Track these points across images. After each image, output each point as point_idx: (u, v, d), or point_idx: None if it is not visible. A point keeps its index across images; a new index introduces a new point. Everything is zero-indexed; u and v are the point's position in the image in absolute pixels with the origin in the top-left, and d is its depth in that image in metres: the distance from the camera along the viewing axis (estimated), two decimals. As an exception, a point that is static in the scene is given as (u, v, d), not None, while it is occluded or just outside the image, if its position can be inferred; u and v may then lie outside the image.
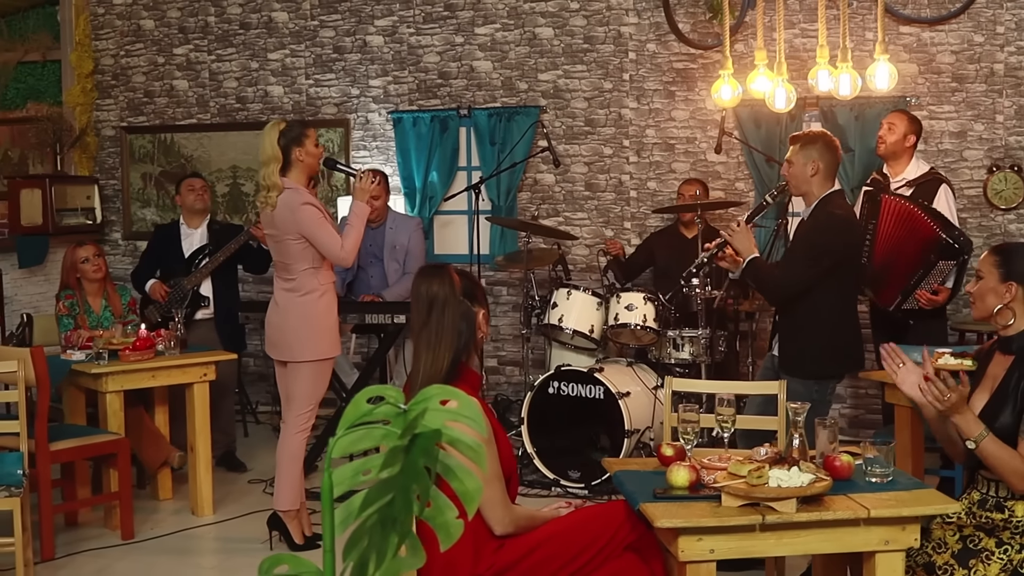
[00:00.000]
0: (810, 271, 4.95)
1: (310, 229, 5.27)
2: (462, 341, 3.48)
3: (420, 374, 3.48)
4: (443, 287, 3.50)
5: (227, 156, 8.91)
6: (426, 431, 1.95)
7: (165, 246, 7.15)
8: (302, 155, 5.35)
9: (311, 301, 5.37)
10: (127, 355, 5.79)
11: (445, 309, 3.48)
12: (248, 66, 8.93)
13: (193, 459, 6.09)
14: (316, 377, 5.44)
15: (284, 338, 5.42)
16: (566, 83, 8.34)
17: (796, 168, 5.08)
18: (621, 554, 3.45)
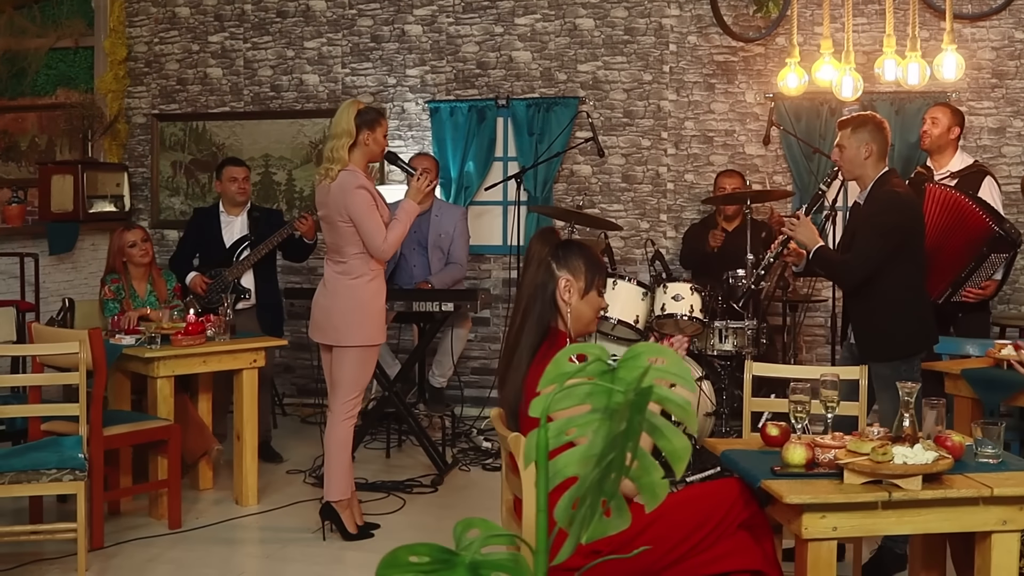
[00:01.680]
0: (882, 251, 4.93)
1: (358, 214, 5.19)
2: (540, 303, 3.43)
3: (513, 334, 3.47)
4: (538, 247, 3.47)
5: (259, 145, 8.85)
6: (645, 388, 1.90)
7: (205, 232, 7.07)
8: (370, 140, 5.29)
9: (361, 285, 5.30)
10: (179, 339, 5.73)
11: (528, 268, 3.46)
12: (284, 54, 8.88)
13: (239, 448, 6.02)
14: (362, 363, 5.37)
15: (331, 321, 5.35)
16: (605, 74, 8.30)
17: (849, 152, 5.07)
18: (734, 532, 3.41)
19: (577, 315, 3.51)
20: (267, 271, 7.09)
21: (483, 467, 6.87)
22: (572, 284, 3.47)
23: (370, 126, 5.29)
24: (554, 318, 3.47)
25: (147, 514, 5.85)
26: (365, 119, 5.29)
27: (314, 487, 6.38)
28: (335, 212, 5.27)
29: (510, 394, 3.42)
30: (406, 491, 6.32)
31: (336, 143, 5.26)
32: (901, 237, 4.98)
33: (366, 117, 5.30)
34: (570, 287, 3.47)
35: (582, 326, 3.56)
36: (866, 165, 5.06)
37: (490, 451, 7.14)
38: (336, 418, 5.40)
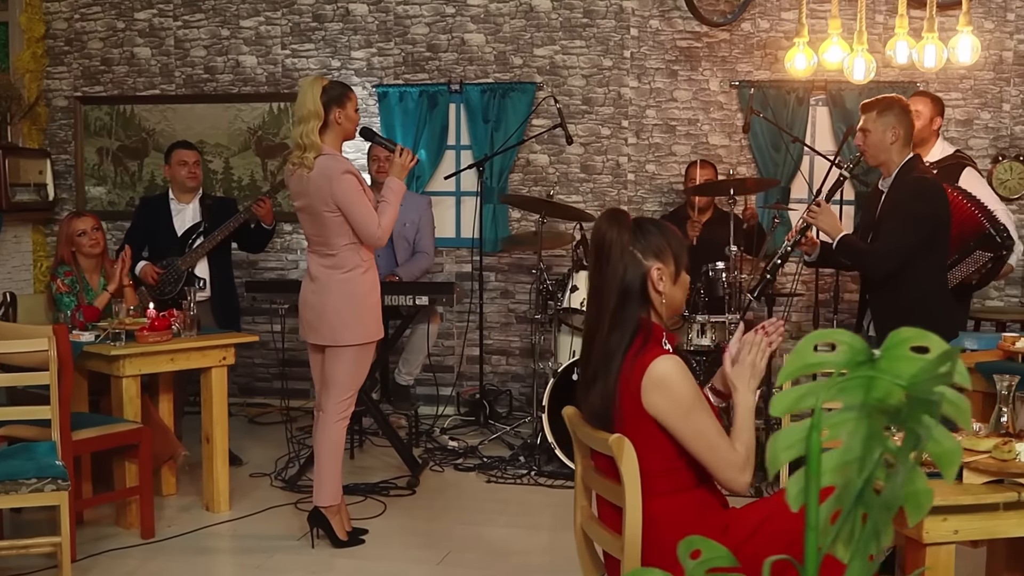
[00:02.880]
0: (914, 239, 4.80)
1: (347, 201, 4.78)
2: (628, 299, 3.10)
3: (594, 329, 3.13)
4: (614, 233, 3.12)
5: (193, 130, 8.31)
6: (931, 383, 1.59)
7: (154, 222, 6.57)
8: (341, 118, 4.87)
9: (354, 279, 4.91)
10: (145, 336, 5.26)
11: (610, 259, 3.10)
12: (218, 34, 8.37)
13: (209, 451, 5.58)
14: (358, 361, 4.99)
15: (325, 320, 4.94)
16: (563, 59, 7.99)
17: (875, 136, 4.92)
18: (834, 537, 3.12)
19: (670, 302, 3.18)
20: (222, 261, 6.63)
21: (455, 467, 6.52)
22: (664, 271, 3.13)
23: (339, 102, 4.87)
24: (645, 310, 3.13)
25: (113, 523, 5.37)
26: (332, 96, 4.86)
27: (283, 490, 6.00)
28: (319, 202, 4.83)
29: (598, 396, 3.08)
30: (383, 494, 5.95)
31: (305, 128, 4.82)
32: (932, 227, 4.88)
33: (333, 93, 4.87)
34: (662, 275, 3.12)
35: (673, 311, 3.23)
36: (891, 150, 4.93)
37: (457, 450, 6.79)
38: (329, 419, 5.00)
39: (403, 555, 5.00)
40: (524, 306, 8.16)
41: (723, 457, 2.99)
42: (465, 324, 7.86)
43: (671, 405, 2.96)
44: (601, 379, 3.06)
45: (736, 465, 3.01)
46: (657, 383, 2.96)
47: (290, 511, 5.64)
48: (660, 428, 3.00)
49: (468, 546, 5.15)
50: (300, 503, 5.72)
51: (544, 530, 5.39)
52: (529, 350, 8.16)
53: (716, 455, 2.99)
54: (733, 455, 3.00)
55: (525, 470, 6.38)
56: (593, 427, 3.12)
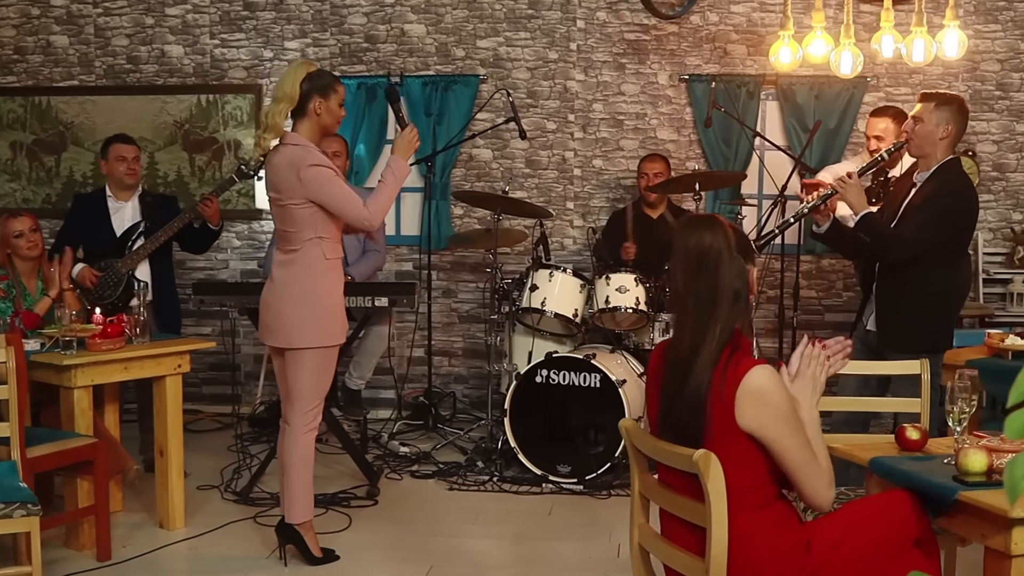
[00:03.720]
0: (942, 232, 4.70)
1: (321, 192, 4.45)
2: (739, 303, 2.90)
3: (686, 342, 2.90)
4: (717, 239, 2.91)
5: (115, 124, 7.85)
6: None
7: (90, 221, 6.14)
8: (321, 109, 4.52)
9: (313, 278, 4.55)
10: (97, 344, 4.87)
11: (719, 266, 2.89)
12: (142, 22, 7.93)
13: (163, 464, 5.22)
14: (320, 368, 4.63)
15: (282, 321, 4.58)
16: (507, 51, 7.75)
17: (927, 127, 4.79)
18: (909, 550, 2.95)
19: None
20: (163, 263, 6.23)
21: (412, 474, 6.23)
22: (753, 271, 2.97)
23: (323, 92, 4.52)
24: (743, 319, 2.93)
25: (62, 544, 4.96)
26: (316, 84, 4.52)
27: (237, 503, 5.65)
28: (286, 193, 4.50)
29: (685, 410, 2.86)
30: (344, 505, 5.65)
31: (273, 108, 4.52)
32: (960, 224, 4.83)
33: (317, 82, 4.52)
34: (758, 276, 2.96)
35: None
36: (939, 145, 4.81)
37: (410, 456, 6.51)
38: (295, 432, 4.67)
39: (383, 571, 4.72)
40: (467, 305, 7.90)
41: (814, 472, 2.81)
42: (413, 324, 7.54)
43: (768, 418, 2.77)
44: (690, 392, 2.84)
45: (825, 481, 2.83)
46: (753, 395, 2.77)
47: (250, 526, 5.30)
48: (752, 442, 2.79)
49: (448, 560, 4.88)
50: (259, 517, 5.40)
51: (522, 540, 5.15)
52: (473, 351, 7.91)
53: (807, 470, 2.81)
54: (822, 470, 2.83)
55: (486, 476, 6.12)
56: (670, 441, 2.90)
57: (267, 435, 6.88)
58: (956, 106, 4.74)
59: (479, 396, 7.83)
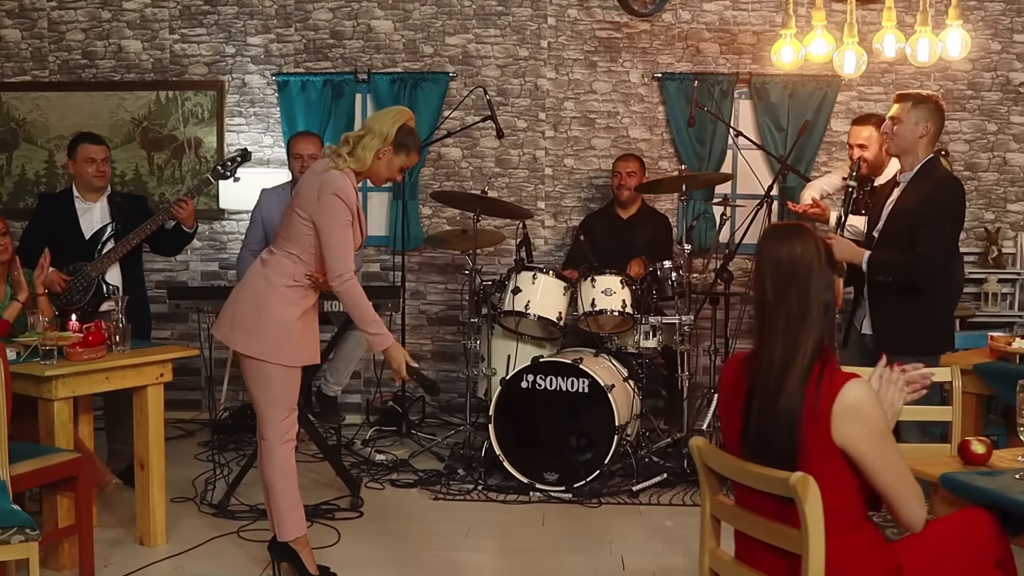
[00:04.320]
0: (953, 238, 4.72)
1: (324, 223, 4.25)
2: (828, 316, 2.79)
3: (776, 357, 2.79)
4: (808, 250, 2.80)
5: (70, 121, 7.61)
6: None
7: (57, 223, 5.88)
8: (385, 156, 4.34)
9: (272, 288, 4.34)
10: (77, 353, 4.63)
11: (810, 277, 2.78)
12: (98, 16, 7.65)
13: (144, 478, 4.99)
14: (275, 381, 4.38)
15: (229, 316, 4.41)
16: (477, 48, 7.60)
17: (906, 127, 4.76)
18: (991, 572, 2.86)
19: None
20: (134, 266, 5.99)
21: (392, 483, 6.07)
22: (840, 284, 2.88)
23: (402, 147, 4.36)
24: (831, 334, 2.83)
25: (42, 565, 4.71)
26: (402, 139, 4.34)
27: (216, 517, 5.43)
28: (300, 202, 4.33)
29: (777, 430, 2.75)
30: (328, 517, 5.47)
31: (368, 140, 4.31)
32: (959, 225, 4.81)
33: (404, 139, 4.35)
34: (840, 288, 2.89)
35: None
36: (918, 144, 4.77)
37: (387, 464, 6.34)
38: (271, 445, 4.44)
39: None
40: (436, 307, 7.74)
41: (909, 490, 2.71)
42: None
43: (865, 434, 2.67)
44: (782, 409, 2.73)
45: (919, 499, 2.73)
46: (850, 410, 2.66)
47: (234, 541, 5.09)
48: (844, 460, 2.68)
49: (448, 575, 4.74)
50: (242, 531, 5.20)
51: (521, 553, 5.01)
52: (443, 354, 7.77)
53: (903, 488, 2.71)
54: (915, 489, 2.72)
55: (470, 484, 5.98)
56: (757, 462, 2.78)
57: (234, 442, 6.71)
58: (933, 104, 4.72)
59: (448, 400, 7.69)
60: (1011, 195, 7.54)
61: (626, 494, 5.84)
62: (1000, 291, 7.37)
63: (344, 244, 4.26)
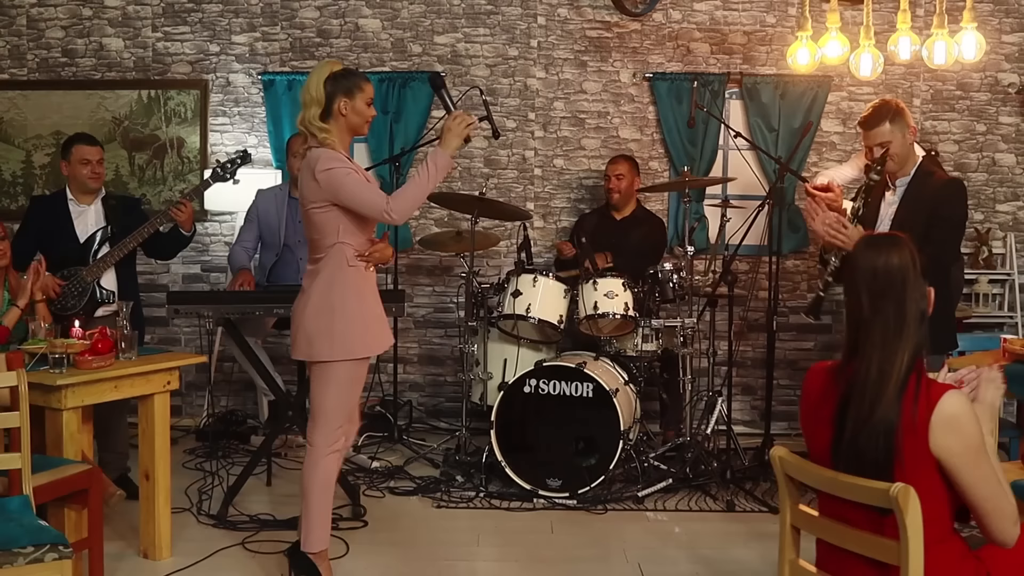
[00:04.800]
0: (959, 240, 4.81)
1: (338, 192, 4.22)
2: (923, 326, 2.75)
3: (872, 368, 2.76)
4: (904, 260, 2.79)
5: (49, 120, 7.44)
6: None
7: (51, 226, 5.73)
8: (347, 110, 4.27)
9: (336, 286, 4.31)
10: (87, 360, 4.49)
11: (906, 288, 2.75)
12: (79, 13, 7.48)
13: (149, 489, 4.87)
14: (346, 382, 4.37)
15: (303, 333, 4.33)
16: (466, 48, 7.51)
17: (896, 146, 4.80)
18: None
19: None
20: (128, 270, 5.85)
21: (390, 491, 5.97)
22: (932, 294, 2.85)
23: (347, 92, 4.27)
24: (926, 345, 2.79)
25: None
26: (341, 84, 4.27)
27: (217, 528, 5.30)
28: (308, 197, 4.29)
29: (875, 441, 2.70)
30: (332, 527, 5.34)
31: (306, 114, 4.27)
32: (964, 227, 4.91)
33: (342, 82, 4.27)
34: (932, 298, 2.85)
35: None
36: (911, 150, 4.85)
37: (380, 471, 6.24)
38: (318, 452, 4.40)
39: (404, 601, 4.49)
40: (424, 310, 7.65)
41: (1002, 506, 2.67)
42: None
43: (962, 447, 2.62)
44: (879, 420, 2.68)
45: (1012, 516, 2.69)
46: (948, 422, 2.62)
47: (241, 553, 4.97)
48: (938, 472, 2.64)
49: (467, 586, 4.67)
50: (247, 543, 5.09)
51: (537, 562, 4.94)
52: (430, 358, 7.68)
53: (997, 502, 2.67)
54: (1010, 503, 2.68)
55: (471, 492, 5.89)
56: (850, 473, 2.73)
57: (221, 449, 6.57)
58: (900, 109, 4.79)
59: (435, 404, 7.61)
60: (1000, 195, 7.57)
61: (631, 500, 5.79)
62: (991, 292, 7.39)
63: (364, 189, 4.24)
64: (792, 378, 7.47)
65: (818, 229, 4.69)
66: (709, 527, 5.49)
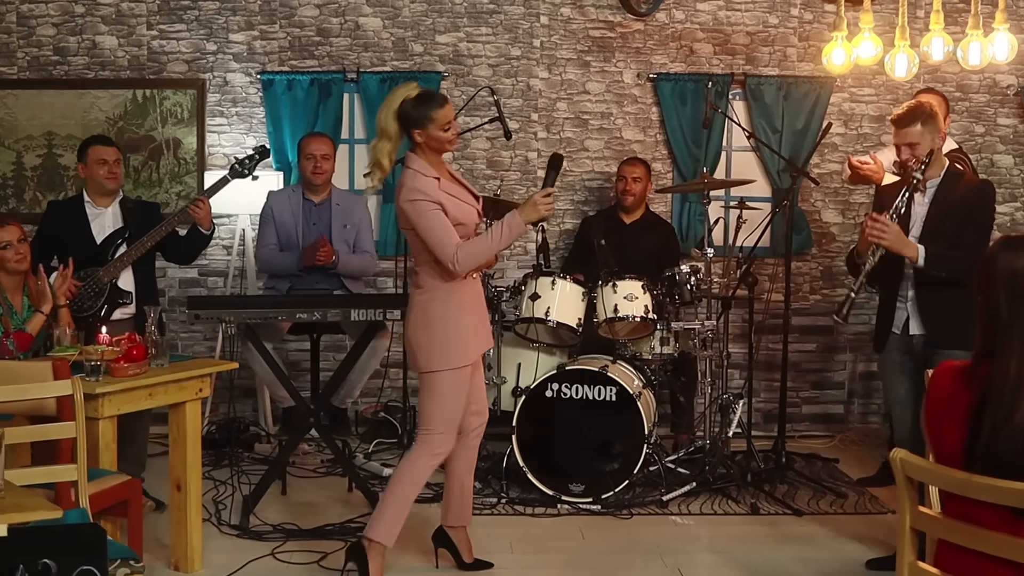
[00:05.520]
0: (989, 238, 4.72)
1: (416, 224, 4.30)
2: None
3: (1011, 372, 2.73)
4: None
5: (40, 120, 7.25)
6: None
7: (68, 228, 5.59)
8: (423, 138, 4.31)
9: (431, 301, 4.40)
10: (123, 368, 4.36)
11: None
12: (71, 10, 7.29)
13: (180, 500, 4.73)
14: (444, 392, 4.43)
15: (408, 346, 4.52)
16: (468, 47, 7.42)
17: (924, 146, 4.76)
18: None
19: None
20: (147, 272, 5.72)
21: (413, 499, 5.87)
22: None
23: (418, 124, 4.28)
24: None
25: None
26: (412, 117, 4.28)
27: (241, 538, 5.17)
28: (400, 219, 4.43)
29: (1011, 441, 2.66)
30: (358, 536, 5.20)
31: (376, 144, 4.34)
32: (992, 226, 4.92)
33: (412, 115, 4.27)
34: None
35: None
36: (940, 152, 4.85)
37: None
38: (417, 453, 4.49)
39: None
40: (425, 314, 7.53)
41: None
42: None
43: None
44: (1020, 422, 2.64)
45: None
46: None
47: (272, 564, 4.86)
48: None
49: (513, 594, 4.59)
50: (277, 553, 4.97)
51: (577, 569, 4.89)
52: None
53: None
54: None
55: (493, 498, 5.81)
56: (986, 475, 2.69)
57: (226, 456, 6.41)
58: (932, 111, 4.76)
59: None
60: (998, 197, 7.55)
61: (655, 504, 5.74)
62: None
63: (440, 232, 4.26)
64: (795, 380, 7.45)
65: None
66: (736, 530, 5.46)
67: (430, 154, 4.34)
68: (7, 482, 2.92)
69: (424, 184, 4.26)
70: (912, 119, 4.75)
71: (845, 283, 7.53)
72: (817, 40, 7.43)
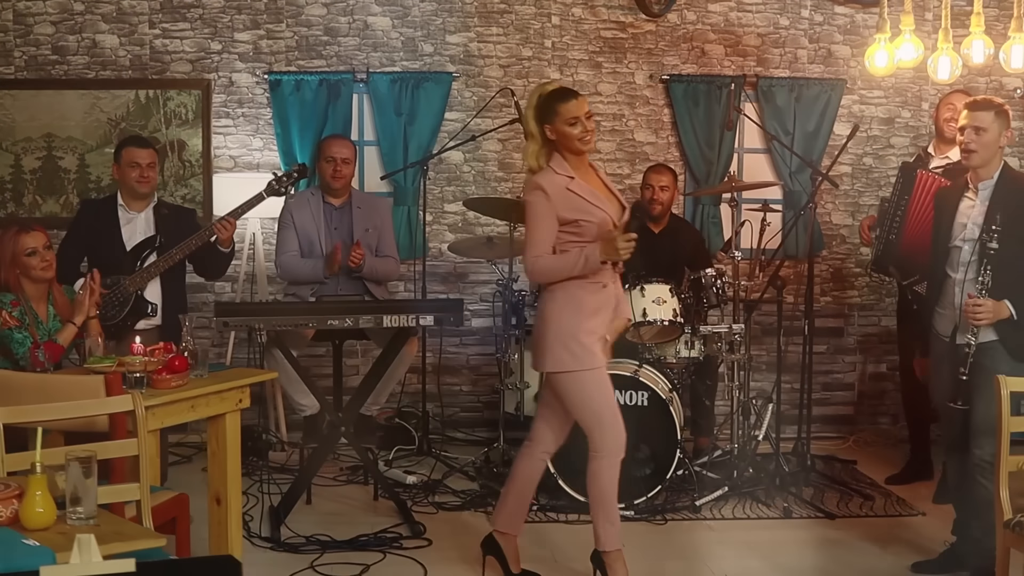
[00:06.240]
0: None
1: (526, 217, 4.36)
2: None
3: None
4: None
5: (39, 122, 7.05)
6: None
7: (98, 232, 5.44)
8: (553, 134, 4.30)
9: (550, 302, 4.41)
10: (164, 379, 4.21)
11: None
12: (69, 8, 7.08)
13: (220, 514, 4.58)
14: (573, 391, 4.40)
15: (535, 345, 4.54)
16: (479, 48, 7.31)
17: (990, 136, 4.66)
18: None
19: None
20: (175, 284, 5.56)
21: (436, 506, 5.76)
22: None
23: (547, 118, 4.30)
24: None
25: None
26: (540, 113, 4.33)
27: (275, 551, 5.04)
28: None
29: None
30: (397, 547, 5.14)
31: (525, 147, 4.42)
32: None
33: (542, 109, 4.32)
34: None
35: None
36: (999, 154, 4.72)
37: (418, 485, 6.02)
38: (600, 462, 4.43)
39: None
40: (437, 318, 7.42)
41: None
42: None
43: None
44: None
45: None
46: None
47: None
48: None
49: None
50: (316, 565, 4.84)
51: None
52: (445, 367, 7.46)
53: None
54: None
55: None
56: None
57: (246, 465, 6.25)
58: (1007, 113, 4.70)
59: (450, 415, 7.40)
60: (1007, 198, 7.62)
61: (687, 509, 5.68)
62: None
63: (536, 235, 4.31)
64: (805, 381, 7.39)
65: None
66: (774, 535, 5.42)
67: (569, 155, 4.31)
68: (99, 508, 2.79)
69: (549, 180, 4.26)
70: (988, 105, 4.70)
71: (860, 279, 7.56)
72: (827, 42, 7.42)
